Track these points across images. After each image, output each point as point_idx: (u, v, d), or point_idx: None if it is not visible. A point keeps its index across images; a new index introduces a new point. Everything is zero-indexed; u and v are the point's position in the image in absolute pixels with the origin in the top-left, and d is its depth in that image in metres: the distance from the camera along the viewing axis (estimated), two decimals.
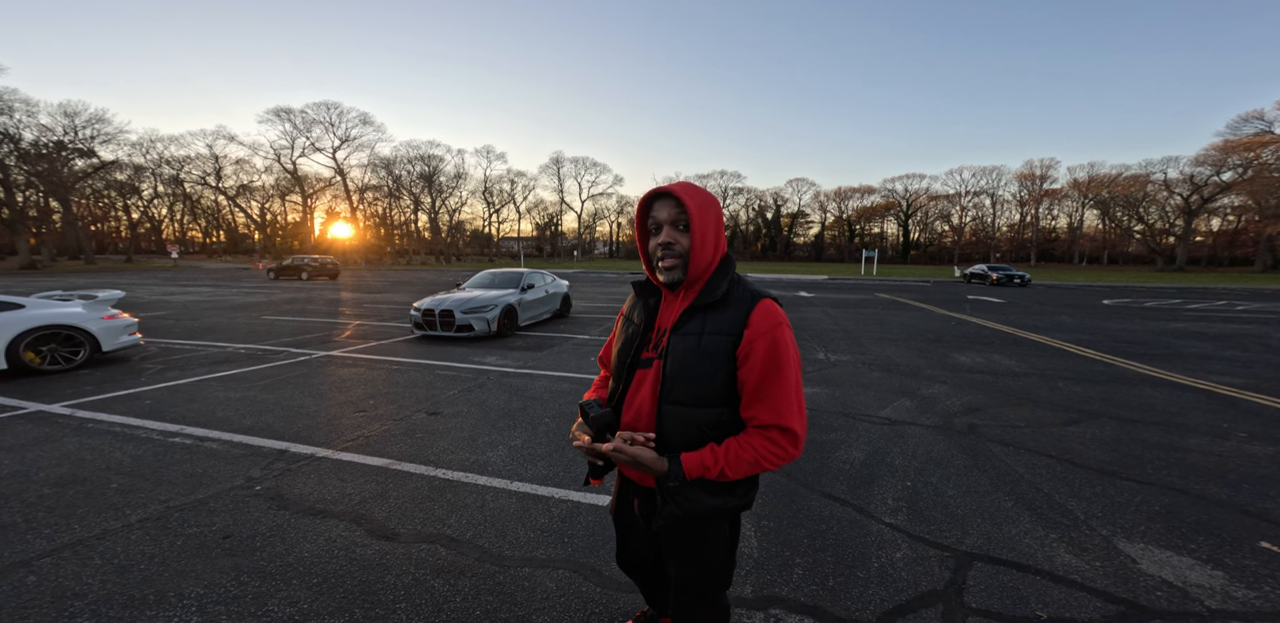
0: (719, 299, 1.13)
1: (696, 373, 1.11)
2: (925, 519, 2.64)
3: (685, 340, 1.13)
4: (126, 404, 4.47)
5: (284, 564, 2.18)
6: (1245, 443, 3.77)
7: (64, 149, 39.69)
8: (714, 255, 1.15)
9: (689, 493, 1.14)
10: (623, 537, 1.53)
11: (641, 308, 1.28)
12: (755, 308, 1.10)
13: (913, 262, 75.79)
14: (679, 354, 1.13)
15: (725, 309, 1.12)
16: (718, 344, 1.10)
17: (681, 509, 1.15)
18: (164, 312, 11.50)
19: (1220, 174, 47.95)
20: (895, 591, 2.06)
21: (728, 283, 1.15)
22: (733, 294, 1.14)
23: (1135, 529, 2.54)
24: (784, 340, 1.09)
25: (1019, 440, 3.79)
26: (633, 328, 1.28)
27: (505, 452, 3.49)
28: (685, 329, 1.14)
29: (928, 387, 5.34)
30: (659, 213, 1.14)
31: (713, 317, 1.12)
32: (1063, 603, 1.98)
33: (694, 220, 1.09)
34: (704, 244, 1.12)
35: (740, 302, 1.12)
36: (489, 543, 2.38)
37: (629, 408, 1.23)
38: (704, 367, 1.10)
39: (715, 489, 1.16)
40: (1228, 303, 16.28)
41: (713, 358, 1.10)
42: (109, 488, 2.85)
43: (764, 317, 1.09)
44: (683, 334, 1.14)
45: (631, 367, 1.24)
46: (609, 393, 1.33)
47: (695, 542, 1.26)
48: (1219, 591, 2.07)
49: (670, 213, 1.12)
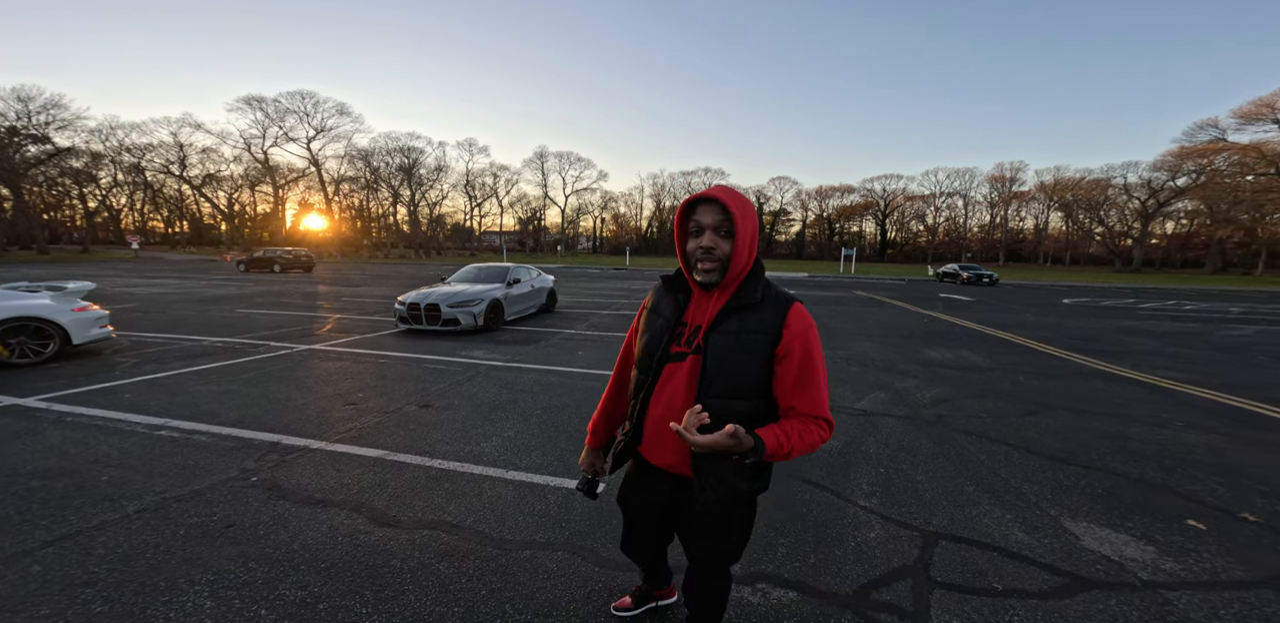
0: (757, 302, 1.21)
1: (736, 369, 1.19)
2: (897, 502, 2.85)
3: (724, 338, 1.20)
4: (105, 398, 4.39)
5: (290, 551, 2.25)
6: (1181, 431, 4.13)
7: (16, 135, 37.62)
8: (749, 260, 1.22)
9: (726, 479, 1.24)
10: (630, 523, 1.59)
11: (670, 302, 1.34)
12: (790, 311, 1.20)
13: (889, 260, 77.71)
14: (718, 350, 1.20)
15: (761, 311, 1.20)
16: (756, 343, 1.18)
17: (717, 494, 1.24)
18: (131, 304, 11.10)
19: (1175, 179, 50.60)
20: (870, 566, 2.26)
21: (762, 286, 1.24)
22: (768, 297, 1.23)
23: (1080, 510, 2.81)
24: (816, 341, 1.22)
25: (981, 430, 4.07)
26: (661, 321, 1.33)
27: (499, 442, 3.58)
28: (724, 328, 1.22)
29: (901, 380, 5.62)
30: (703, 217, 1.19)
31: (750, 317, 1.20)
32: (1016, 576, 2.20)
33: (738, 227, 1.16)
34: (743, 250, 1.19)
35: (775, 304, 1.22)
36: (489, 528, 2.49)
37: (658, 400, 1.29)
38: (745, 363, 1.18)
39: (747, 474, 1.26)
40: (1177, 303, 17.30)
41: (752, 355, 1.18)
42: (100, 480, 2.85)
43: (799, 319, 1.20)
44: (721, 332, 1.21)
45: (661, 360, 1.30)
46: (635, 385, 1.38)
47: (724, 524, 1.36)
48: (1150, 564, 2.32)
49: (715, 219, 1.18)
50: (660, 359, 1.29)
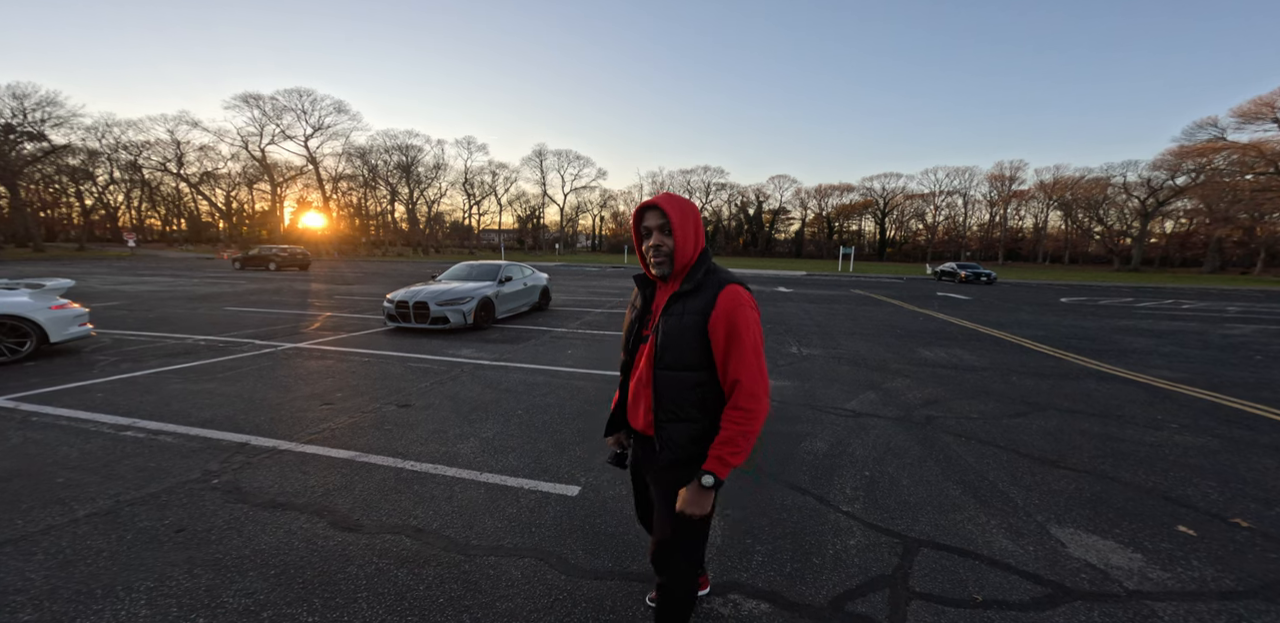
0: (695, 287, 1.41)
1: (678, 345, 1.39)
2: (880, 507, 2.76)
3: (670, 320, 1.41)
4: (76, 397, 4.29)
5: (240, 557, 2.15)
6: (1175, 433, 4.04)
7: (12, 132, 37.48)
8: (694, 252, 1.42)
9: (677, 439, 1.40)
10: (639, 490, 1.78)
11: (641, 296, 1.59)
12: (721, 292, 1.37)
13: (888, 259, 77.58)
14: (665, 331, 1.41)
15: (699, 294, 1.39)
16: (693, 322, 1.37)
17: (673, 454, 1.41)
18: (117, 302, 10.99)
19: (1175, 178, 50.47)
20: (847, 576, 2.17)
21: (703, 273, 1.42)
22: (706, 282, 1.41)
23: (1067, 515, 2.72)
24: (746, 316, 1.35)
25: (971, 431, 3.98)
26: (635, 312, 1.59)
27: (476, 443, 3.49)
28: (671, 311, 1.42)
29: (892, 380, 5.53)
30: (649, 221, 1.41)
31: (690, 300, 1.40)
32: (997, 586, 2.11)
33: (675, 226, 1.38)
34: (685, 244, 1.40)
35: (711, 287, 1.39)
36: (456, 533, 2.40)
37: (634, 373, 1.54)
38: (684, 339, 1.38)
39: (696, 437, 1.41)
40: (1175, 302, 17.22)
41: (690, 332, 1.38)
42: (55, 482, 2.76)
43: (728, 298, 1.36)
44: (669, 315, 1.42)
45: (635, 342, 1.56)
46: (621, 365, 1.63)
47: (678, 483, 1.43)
48: (1137, 572, 2.23)
49: (657, 221, 1.40)
50: (635, 341, 1.55)
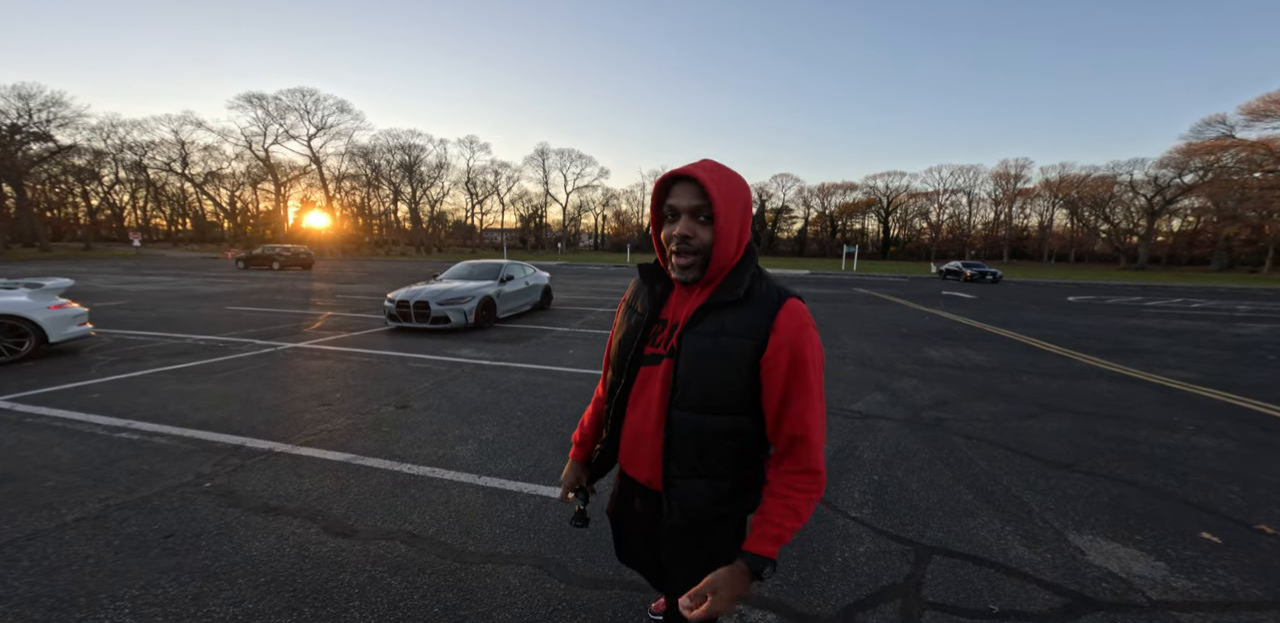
0: (741, 298, 0.99)
1: (711, 378, 0.98)
2: (890, 513, 2.68)
3: (699, 341, 0.99)
4: (72, 398, 4.25)
5: (230, 563, 2.09)
6: (1193, 436, 3.93)
7: (18, 133, 37.73)
8: (737, 250, 1.00)
9: (694, 501, 1.06)
10: (619, 537, 1.44)
11: (647, 296, 1.14)
12: (781, 310, 0.97)
13: (892, 258, 77.18)
14: (692, 355, 1.00)
15: (746, 309, 0.99)
16: (737, 349, 0.97)
17: (688, 519, 1.07)
18: (120, 301, 10.99)
19: (1182, 176, 49.95)
20: (856, 585, 2.08)
21: (750, 278, 1.01)
22: (756, 292, 1.00)
23: (1085, 521, 2.62)
24: (812, 348, 0.98)
25: (981, 434, 3.89)
26: (635, 318, 1.14)
27: (475, 446, 3.42)
28: (700, 328, 1.00)
29: (899, 381, 5.43)
30: (678, 200, 0.97)
31: (732, 317, 0.99)
32: (1014, 596, 2.03)
33: (719, 212, 0.94)
34: (728, 240, 0.97)
35: (764, 302, 0.99)
36: (452, 539, 2.33)
37: (634, 407, 1.12)
38: (722, 372, 0.98)
39: (721, 498, 1.07)
40: (1184, 301, 17.01)
41: (730, 363, 0.97)
42: (44, 486, 2.70)
43: (791, 320, 0.96)
44: (696, 333, 1.00)
45: (635, 362, 1.12)
46: (608, 388, 1.20)
47: (700, 547, 1.13)
48: (1160, 582, 2.14)
49: (691, 202, 0.96)
50: (634, 360, 1.11)
